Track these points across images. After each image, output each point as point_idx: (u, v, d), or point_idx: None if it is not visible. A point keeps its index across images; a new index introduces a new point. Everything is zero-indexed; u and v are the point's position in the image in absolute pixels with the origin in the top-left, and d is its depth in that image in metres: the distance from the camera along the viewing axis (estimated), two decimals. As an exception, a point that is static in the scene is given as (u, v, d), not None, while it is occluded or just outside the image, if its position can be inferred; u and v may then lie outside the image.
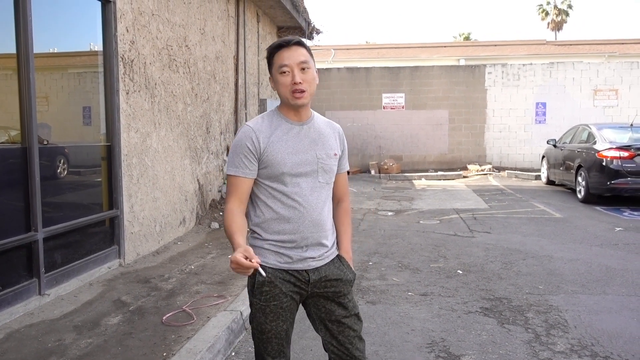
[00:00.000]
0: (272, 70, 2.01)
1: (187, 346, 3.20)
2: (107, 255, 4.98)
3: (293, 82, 1.95)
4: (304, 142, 2.03)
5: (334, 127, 2.18)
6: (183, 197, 6.62)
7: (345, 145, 2.21)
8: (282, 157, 1.98)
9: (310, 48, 2.07)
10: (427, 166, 16.18)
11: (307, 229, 2.01)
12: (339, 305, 2.08)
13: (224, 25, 8.17)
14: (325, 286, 2.06)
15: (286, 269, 2.01)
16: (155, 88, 5.82)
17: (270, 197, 2.01)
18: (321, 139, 2.07)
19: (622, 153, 9.29)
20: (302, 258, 2.02)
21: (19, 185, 3.92)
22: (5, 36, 3.89)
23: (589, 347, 3.52)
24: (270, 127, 2.01)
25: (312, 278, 2.03)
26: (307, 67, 1.98)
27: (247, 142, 1.98)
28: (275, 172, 1.98)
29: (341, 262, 2.13)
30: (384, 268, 5.51)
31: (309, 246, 2.03)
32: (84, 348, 3.27)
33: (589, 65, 15.99)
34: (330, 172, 2.09)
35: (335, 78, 16.43)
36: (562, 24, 42.40)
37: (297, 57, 1.96)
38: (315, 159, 2.03)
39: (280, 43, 1.98)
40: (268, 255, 2.00)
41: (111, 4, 4.95)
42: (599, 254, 6.04)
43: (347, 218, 2.24)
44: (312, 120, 2.09)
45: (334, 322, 2.08)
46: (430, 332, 3.80)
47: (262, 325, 2.01)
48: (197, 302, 4.15)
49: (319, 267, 2.05)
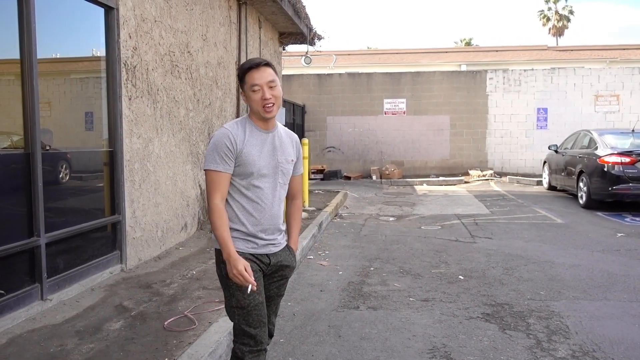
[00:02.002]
0: (245, 87, 2.34)
1: (189, 351, 3.20)
2: (109, 261, 4.99)
3: (263, 98, 2.30)
4: (269, 148, 2.38)
5: (292, 136, 2.55)
6: (185, 203, 6.64)
7: (300, 152, 2.58)
8: (253, 158, 2.32)
9: (275, 67, 2.41)
10: (428, 171, 16.20)
11: (267, 221, 2.38)
12: (278, 287, 2.51)
13: (226, 32, 8.21)
14: (278, 269, 2.46)
15: (253, 253, 2.36)
16: (157, 94, 5.85)
17: (237, 193, 2.35)
18: (282, 147, 2.43)
19: (623, 159, 9.29)
20: (266, 244, 2.39)
21: (21, 191, 3.93)
22: (9, 42, 3.92)
23: (590, 353, 3.51)
24: (244, 132, 2.34)
25: (272, 261, 2.42)
26: (274, 85, 2.33)
27: (226, 142, 2.29)
28: (246, 171, 2.31)
29: (290, 251, 2.53)
30: (385, 273, 5.51)
31: (271, 233, 2.40)
32: (85, 353, 3.27)
33: (590, 70, 16.02)
34: (287, 175, 2.46)
35: (336, 84, 16.47)
36: (563, 29, 42.46)
37: (266, 77, 2.31)
38: (277, 162, 2.39)
39: (251, 65, 2.32)
40: (237, 241, 2.32)
41: (114, 10, 4.98)
42: (601, 259, 6.04)
43: (298, 214, 2.63)
44: (276, 130, 2.44)
45: (272, 297, 2.50)
46: (432, 337, 3.80)
47: (241, 301, 2.29)
48: (199, 307, 4.15)
49: (276, 253, 2.43)
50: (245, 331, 2.31)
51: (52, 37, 4.38)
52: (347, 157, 16.42)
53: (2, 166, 3.81)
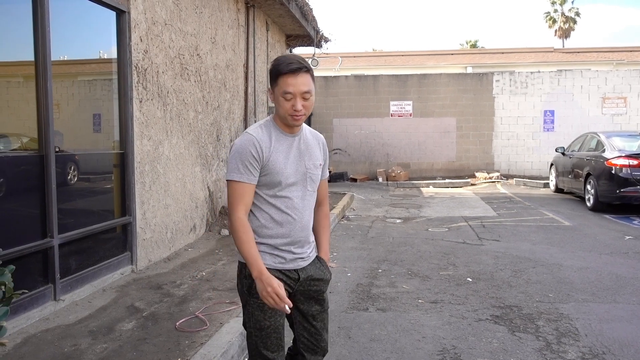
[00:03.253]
0: (275, 89, 2.09)
1: (202, 352, 3.23)
2: (119, 262, 5.04)
3: (294, 109, 2.06)
4: (295, 153, 2.17)
5: (318, 137, 2.33)
6: (194, 204, 6.68)
7: (327, 155, 2.36)
8: (281, 166, 2.11)
9: (313, 71, 2.15)
10: (434, 174, 16.20)
11: (298, 233, 2.18)
12: (317, 302, 2.29)
13: (234, 34, 8.26)
14: (309, 285, 2.25)
15: (280, 268, 2.16)
16: (167, 96, 5.90)
17: (265, 203, 2.14)
18: (308, 151, 2.22)
19: (631, 161, 9.27)
20: (294, 258, 2.18)
21: (35, 192, 3.98)
22: (24, 45, 3.97)
23: (600, 356, 3.52)
24: (269, 138, 2.12)
25: (301, 277, 2.21)
26: (308, 96, 2.08)
27: (251, 150, 2.07)
28: (274, 180, 2.11)
29: (321, 263, 2.31)
30: (393, 275, 5.53)
31: (301, 247, 2.21)
32: (99, 353, 3.31)
33: (597, 73, 15.99)
34: (316, 181, 2.25)
35: (343, 86, 16.51)
36: (569, 31, 42.35)
37: (301, 86, 2.04)
38: (305, 169, 2.18)
39: (288, 70, 2.04)
40: (264, 256, 2.13)
41: (126, 14, 5.04)
42: (609, 262, 6.03)
43: (327, 221, 2.41)
44: (301, 132, 2.22)
45: (309, 316, 2.28)
46: (441, 339, 3.82)
47: (261, 322, 2.11)
48: (210, 308, 4.19)
49: (305, 267, 2.22)
50: (263, 354, 2.13)
51: (64, 40, 4.44)
52: (353, 159, 16.44)
53: (17, 168, 3.87)
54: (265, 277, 2.00)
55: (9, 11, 3.96)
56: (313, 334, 2.29)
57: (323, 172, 2.33)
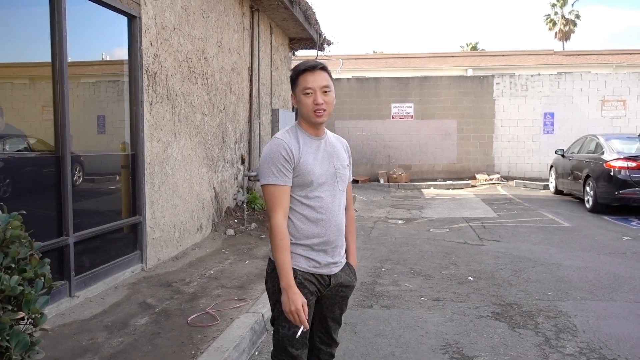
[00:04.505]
0: (296, 90, 2.23)
1: (215, 345, 3.37)
2: (130, 260, 5.17)
3: (315, 103, 2.17)
4: (323, 154, 2.26)
5: (342, 141, 2.45)
6: (200, 205, 6.82)
7: (351, 158, 2.47)
8: (311, 167, 2.19)
9: (331, 72, 2.27)
10: (435, 175, 16.33)
11: (333, 233, 2.25)
12: (340, 306, 2.40)
13: (240, 38, 8.41)
14: (337, 290, 2.33)
15: (313, 272, 2.23)
16: (175, 99, 6.04)
17: (299, 204, 2.20)
18: (335, 152, 2.31)
19: (630, 163, 9.41)
20: (328, 263, 2.25)
21: (51, 192, 4.12)
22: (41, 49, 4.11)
23: (597, 350, 3.66)
24: (297, 141, 2.22)
25: (332, 283, 2.29)
26: (328, 90, 2.20)
27: (282, 153, 2.16)
28: (305, 181, 2.18)
29: (350, 269, 2.39)
30: (396, 274, 5.66)
31: (333, 249, 2.26)
32: (116, 346, 3.45)
33: (597, 76, 16.13)
34: (345, 181, 2.34)
35: (344, 88, 16.65)
36: (569, 34, 42.51)
37: (320, 81, 2.18)
38: (334, 169, 2.27)
39: (307, 67, 2.19)
40: (299, 259, 2.20)
41: (137, 19, 5.18)
42: (607, 262, 6.17)
43: (353, 226, 2.48)
44: (326, 136, 2.33)
45: (331, 319, 2.39)
46: (444, 335, 3.95)
47: (291, 322, 2.15)
48: (219, 304, 4.32)
49: (337, 273, 2.30)
50: (288, 351, 2.22)
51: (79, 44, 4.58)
52: (355, 160, 16.55)
53: (34, 168, 4.01)
54: (292, 292, 2.08)
55: (28, 16, 4.10)
56: (329, 332, 2.41)
57: (349, 174, 2.40)
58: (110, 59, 5.25)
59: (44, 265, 1.83)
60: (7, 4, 3.98)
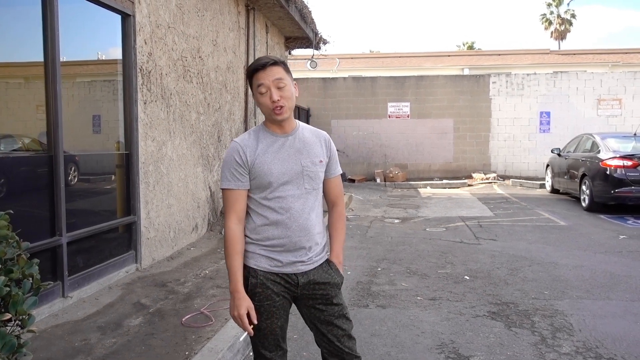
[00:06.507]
0: (253, 90, 2.16)
1: (209, 345, 3.35)
2: (124, 260, 5.14)
3: (272, 100, 2.10)
4: (288, 152, 2.16)
5: (320, 135, 2.30)
6: (195, 204, 6.79)
7: (333, 151, 2.32)
8: (269, 167, 2.12)
9: (288, 66, 2.20)
10: (432, 174, 16.33)
11: (295, 234, 2.14)
12: (327, 306, 2.21)
13: (235, 37, 8.37)
14: (313, 289, 2.19)
15: (276, 272, 2.15)
16: (170, 98, 6.00)
17: (259, 206, 2.15)
18: (306, 148, 2.20)
19: (625, 162, 9.42)
20: (291, 262, 2.15)
21: (44, 192, 4.09)
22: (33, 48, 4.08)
23: (593, 350, 3.64)
24: (256, 141, 2.16)
25: (300, 281, 2.17)
26: (282, 84, 2.12)
27: (235, 157, 2.12)
28: (263, 182, 2.12)
29: (330, 266, 2.26)
30: (392, 274, 5.64)
31: (298, 250, 2.16)
32: (109, 347, 3.42)
33: (593, 75, 16.16)
34: (315, 179, 2.21)
35: (341, 87, 16.63)
36: (565, 33, 42.61)
37: (272, 75, 2.10)
38: (300, 167, 2.16)
39: (257, 66, 2.12)
40: (260, 259, 2.15)
41: (131, 17, 5.14)
42: (603, 260, 6.16)
43: (341, 222, 2.36)
44: (297, 131, 2.23)
45: (323, 322, 2.22)
46: (440, 334, 3.94)
47: (258, 323, 2.12)
48: (214, 304, 4.29)
49: (307, 271, 2.18)
50: (261, 353, 2.20)
51: (71, 43, 4.54)
52: (351, 160, 16.56)
53: (27, 168, 3.97)
54: (238, 297, 2.06)
55: (20, 15, 4.07)
56: (332, 341, 2.22)
57: (332, 169, 2.30)
58: (104, 58, 5.22)
59: (32, 266, 1.80)
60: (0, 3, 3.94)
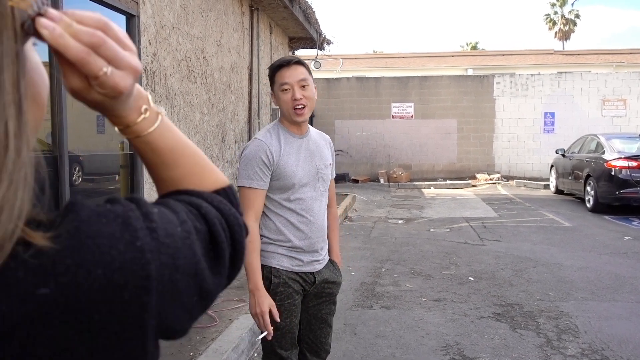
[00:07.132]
0: (274, 88, 2.17)
1: (213, 346, 3.34)
2: (128, 260, 5.13)
3: (294, 99, 2.10)
4: (305, 154, 2.19)
5: (325, 138, 2.37)
6: (199, 205, 6.78)
7: (334, 154, 2.39)
8: (293, 169, 2.13)
9: (309, 66, 2.21)
10: (435, 175, 16.30)
11: (315, 235, 2.21)
12: (329, 305, 2.34)
13: (239, 37, 8.38)
14: (323, 287, 2.29)
15: (297, 271, 2.20)
16: (174, 98, 6.01)
17: (280, 207, 2.17)
18: (318, 151, 2.24)
19: (630, 163, 9.38)
20: (311, 261, 2.22)
21: (49, 192, 4.09)
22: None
23: (599, 352, 3.63)
24: (279, 141, 2.16)
25: (317, 279, 2.25)
26: (306, 84, 2.12)
27: (261, 155, 2.10)
28: (287, 184, 2.13)
29: (334, 266, 2.36)
30: (396, 275, 5.63)
31: (315, 250, 2.23)
32: (114, 348, 3.42)
33: (597, 75, 16.10)
34: (327, 181, 2.28)
35: (344, 87, 16.62)
36: (569, 33, 42.49)
37: (296, 75, 2.11)
38: (316, 169, 2.20)
39: (281, 63, 2.14)
40: (281, 258, 2.18)
41: (135, 17, 5.14)
42: (609, 262, 6.14)
43: (336, 223, 2.46)
44: (309, 133, 2.26)
45: (318, 319, 2.32)
46: (445, 335, 3.92)
47: (276, 322, 2.11)
48: (218, 305, 4.29)
49: (321, 270, 2.26)
50: (277, 353, 2.19)
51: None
52: (355, 160, 16.55)
53: (32, 168, 3.97)
54: (260, 295, 2.06)
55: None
56: (318, 337, 2.32)
57: (332, 173, 2.36)
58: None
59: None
60: (4, 3, 3.95)
